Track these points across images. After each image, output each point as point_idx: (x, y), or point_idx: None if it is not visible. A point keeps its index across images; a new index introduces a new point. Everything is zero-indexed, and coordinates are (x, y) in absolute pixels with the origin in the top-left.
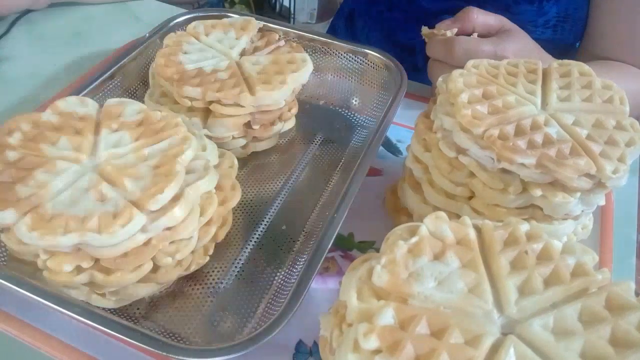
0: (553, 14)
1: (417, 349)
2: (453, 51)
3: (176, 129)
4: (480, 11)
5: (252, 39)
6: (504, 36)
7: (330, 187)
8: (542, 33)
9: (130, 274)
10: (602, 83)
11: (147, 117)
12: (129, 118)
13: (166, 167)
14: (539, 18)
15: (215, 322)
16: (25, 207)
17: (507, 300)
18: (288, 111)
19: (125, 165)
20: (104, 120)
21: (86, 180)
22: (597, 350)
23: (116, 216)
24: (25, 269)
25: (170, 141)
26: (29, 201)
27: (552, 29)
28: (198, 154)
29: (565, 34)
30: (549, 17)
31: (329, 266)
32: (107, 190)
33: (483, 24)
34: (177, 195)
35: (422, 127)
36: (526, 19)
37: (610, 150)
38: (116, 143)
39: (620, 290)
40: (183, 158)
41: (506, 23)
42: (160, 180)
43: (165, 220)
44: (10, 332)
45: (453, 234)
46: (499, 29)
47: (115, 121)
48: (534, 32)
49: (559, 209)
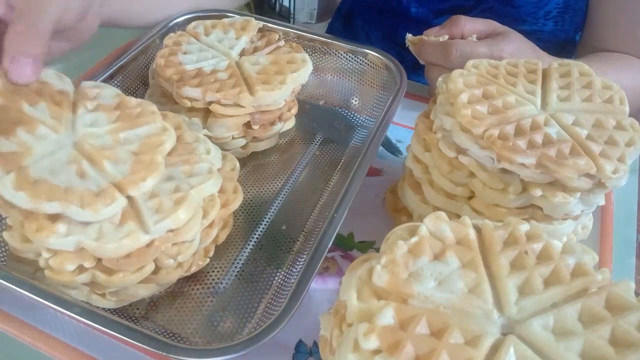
0: (553, 5)
1: (417, 349)
2: (450, 54)
3: (153, 117)
4: (468, 19)
5: (251, 39)
6: (499, 38)
7: (330, 187)
8: (544, 25)
9: (132, 274)
10: (602, 83)
11: (123, 101)
12: (105, 101)
13: (148, 155)
14: (540, 10)
15: (215, 322)
16: (8, 164)
17: (507, 300)
18: (288, 111)
19: (103, 146)
20: (80, 99)
21: (65, 154)
22: (597, 350)
23: (99, 195)
24: (25, 269)
25: (148, 129)
26: (12, 158)
27: (553, 21)
28: (202, 157)
29: (566, 26)
30: (549, 9)
31: (329, 266)
32: (86, 167)
33: (472, 31)
34: (181, 198)
35: (422, 127)
36: (527, 11)
37: (610, 150)
38: (92, 123)
39: (620, 290)
40: (162, 149)
41: (497, 26)
42: (142, 168)
43: (169, 222)
44: (10, 332)
45: (453, 234)
46: (490, 33)
47: (91, 102)
48: (535, 24)
49: (559, 209)
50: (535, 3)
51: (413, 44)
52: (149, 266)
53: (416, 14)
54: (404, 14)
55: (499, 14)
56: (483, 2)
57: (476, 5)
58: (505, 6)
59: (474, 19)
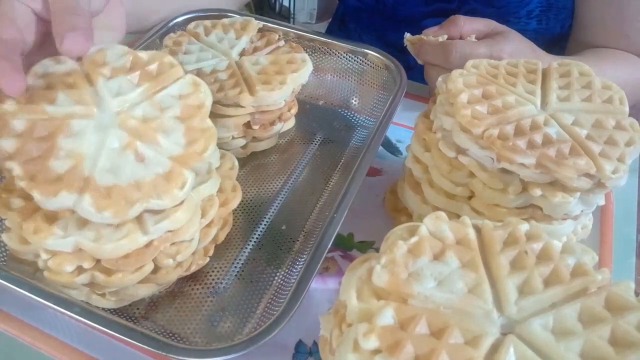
0: (535, 4)
1: (417, 349)
2: (449, 55)
3: (175, 70)
4: (467, 18)
5: (251, 39)
6: (498, 38)
7: (330, 187)
8: (526, 24)
9: (131, 274)
10: (602, 83)
11: (135, 59)
12: (116, 63)
13: (195, 119)
14: (521, 9)
15: (215, 322)
16: (74, 185)
17: (507, 300)
18: (288, 111)
19: (145, 117)
20: (91, 70)
21: (114, 138)
22: (597, 350)
23: (169, 178)
24: (25, 269)
25: (179, 86)
26: (73, 175)
27: (537, 20)
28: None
29: (550, 24)
30: (531, 7)
31: (329, 266)
32: (142, 149)
33: (471, 31)
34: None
35: (422, 127)
36: (509, 11)
37: (610, 150)
38: (118, 91)
39: (620, 290)
40: (206, 110)
41: (496, 26)
42: (197, 135)
43: (167, 223)
44: (10, 332)
45: (453, 234)
46: (489, 33)
47: (104, 68)
48: (518, 23)
49: (559, 208)
50: (517, 3)
51: (412, 43)
52: (148, 266)
53: (403, 16)
54: (392, 16)
55: (481, 15)
56: (465, 4)
57: (459, 7)
58: (488, 7)
59: (473, 18)
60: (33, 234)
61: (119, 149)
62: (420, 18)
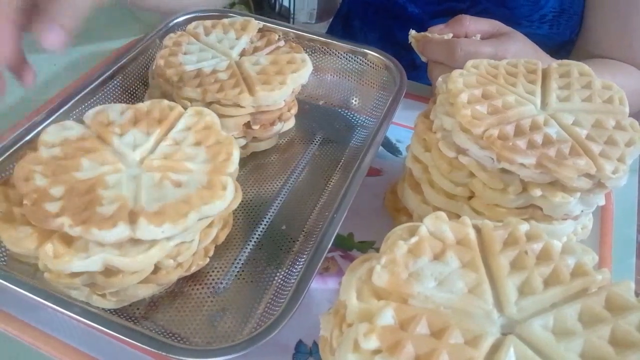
0: (549, 9)
1: (417, 349)
2: (454, 53)
3: (174, 111)
4: (472, 18)
5: (252, 39)
6: (503, 38)
7: (330, 187)
8: (539, 28)
9: (132, 275)
10: (602, 83)
11: (137, 112)
12: (121, 120)
13: (211, 138)
14: (535, 13)
15: (215, 322)
16: (126, 215)
17: (507, 300)
18: (288, 111)
19: (168, 154)
20: (101, 131)
21: (148, 179)
22: (597, 350)
23: (210, 187)
24: (25, 269)
25: (184, 121)
26: (124, 211)
27: (549, 25)
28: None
29: (561, 29)
30: (545, 12)
31: (329, 266)
32: (175, 177)
33: (476, 31)
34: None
35: (422, 127)
36: (522, 13)
37: (610, 150)
38: (134, 143)
39: (620, 290)
40: (217, 127)
41: (501, 27)
42: (218, 148)
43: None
44: (10, 332)
45: (453, 234)
46: (494, 33)
47: (112, 126)
48: (530, 27)
49: (559, 209)
50: (531, 6)
51: (416, 40)
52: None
53: (412, 14)
54: (400, 14)
55: (493, 15)
56: (477, 3)
57: (471, 6)
58: (500, 8)
59: (478, 18)
60: (54, 259)
61: (156, 184)
62: (430, 17)
